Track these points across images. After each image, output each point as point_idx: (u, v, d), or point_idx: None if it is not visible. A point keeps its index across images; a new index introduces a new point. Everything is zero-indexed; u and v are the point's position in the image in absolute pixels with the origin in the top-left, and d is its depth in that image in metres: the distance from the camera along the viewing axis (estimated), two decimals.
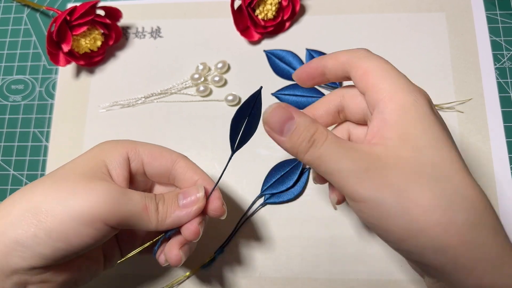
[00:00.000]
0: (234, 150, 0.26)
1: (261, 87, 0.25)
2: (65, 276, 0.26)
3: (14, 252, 0.23)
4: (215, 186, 0.28)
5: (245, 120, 0.26)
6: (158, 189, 0.31)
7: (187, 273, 0.35)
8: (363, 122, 0.27)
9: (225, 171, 0.28)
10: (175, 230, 0.28)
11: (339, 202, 0.27)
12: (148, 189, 0.31)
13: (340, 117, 0.28)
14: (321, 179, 0.28)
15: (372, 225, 0.23)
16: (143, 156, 0.28)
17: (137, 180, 0.29)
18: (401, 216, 0.21)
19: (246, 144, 0.39)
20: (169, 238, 0.28)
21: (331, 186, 0.27)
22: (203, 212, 0.27)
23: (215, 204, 0.28)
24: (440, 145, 0.22)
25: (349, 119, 0.28)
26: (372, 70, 0.24)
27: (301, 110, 0.25)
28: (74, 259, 0.26)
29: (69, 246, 0.24)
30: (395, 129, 0.22)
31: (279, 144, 0.25)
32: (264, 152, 0.38)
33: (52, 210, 0.24)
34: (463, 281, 0.21)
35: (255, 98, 0.25)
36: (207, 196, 0.28)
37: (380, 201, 0.21)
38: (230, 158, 0.27)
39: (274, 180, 0.37)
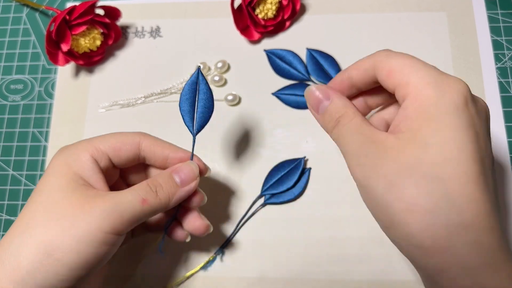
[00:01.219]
0: (194, 132, 0.29)
1: (199, 67, 0.30)
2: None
3: None
4: (192, 157, 0.30)
5: (196, 100, 0.29)
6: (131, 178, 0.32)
7: (187, 274, 0.35)
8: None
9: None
10: (173, 219, 0.30)
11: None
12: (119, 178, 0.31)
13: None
14: None
15: (368, 206, 0.24)
16: (107, 151, 0.28)
17: (109, 175, 0.29)
18: (385, 207, 0.22)
19: (245, 144, 0.39)
20: (176, 217, 0.31)
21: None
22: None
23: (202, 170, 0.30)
24: (448, 146, 0.21)
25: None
26: (396, 68, 0.24)
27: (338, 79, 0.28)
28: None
29: (90, 269, 0.24)
30: (410, 125, 0.23)
31: (316, 119, 0.28)
32: (264, 152, 0.38)
33: (66, 245, 0.23)
34: (437, 281, 0.22)
35: (197, 77, 0.29)
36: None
37: (370, 188, 0.23)
38: (194, 142, 0.30)
39: (274, 180, 0.37)
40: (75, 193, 0.25)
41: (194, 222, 0.30)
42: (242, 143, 0.39)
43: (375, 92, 0.29)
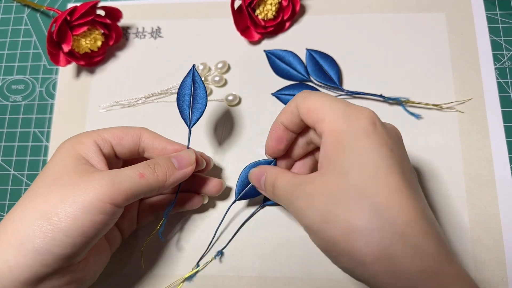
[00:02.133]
0: (190, 125, 0.32)
1: (194, 65, 0.33)
2: (86, 271, 0.28)
3: (36, 262, 0.24)
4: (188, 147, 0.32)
5: (191, 96, 0.31)
6: None
7: (187, 275, 0.35)
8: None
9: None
10: (173, 204, 0.32)
11: None
12: None
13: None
14: None
15: (316, 244, 0.26)
16: (110, 139, 0.30)
17: (111, 165, 0.30)
18: (327, 238, 0.23)
19: (245, 143, 0.39)
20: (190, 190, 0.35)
21: None
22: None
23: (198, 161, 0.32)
24: (365, 166, 0.23)
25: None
26: (312, 107, 0.26)
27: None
28: (88, 255, 0.28)
29: (86, 238, 0.25)
30: (329, 158, 0.25)
31: (266, 196, 0.30)
32: (263, 151, 0.38)
33: (63, 211, 0.24)
34: None
35: (192, 74, 0.32)
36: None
37: (310, 225, 0.25)
38: (189, 134, 0.32)
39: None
40: (77, 169, 0.27)
41: (209, 183, 0.34)
42: (242, 143, 0.39)
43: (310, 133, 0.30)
